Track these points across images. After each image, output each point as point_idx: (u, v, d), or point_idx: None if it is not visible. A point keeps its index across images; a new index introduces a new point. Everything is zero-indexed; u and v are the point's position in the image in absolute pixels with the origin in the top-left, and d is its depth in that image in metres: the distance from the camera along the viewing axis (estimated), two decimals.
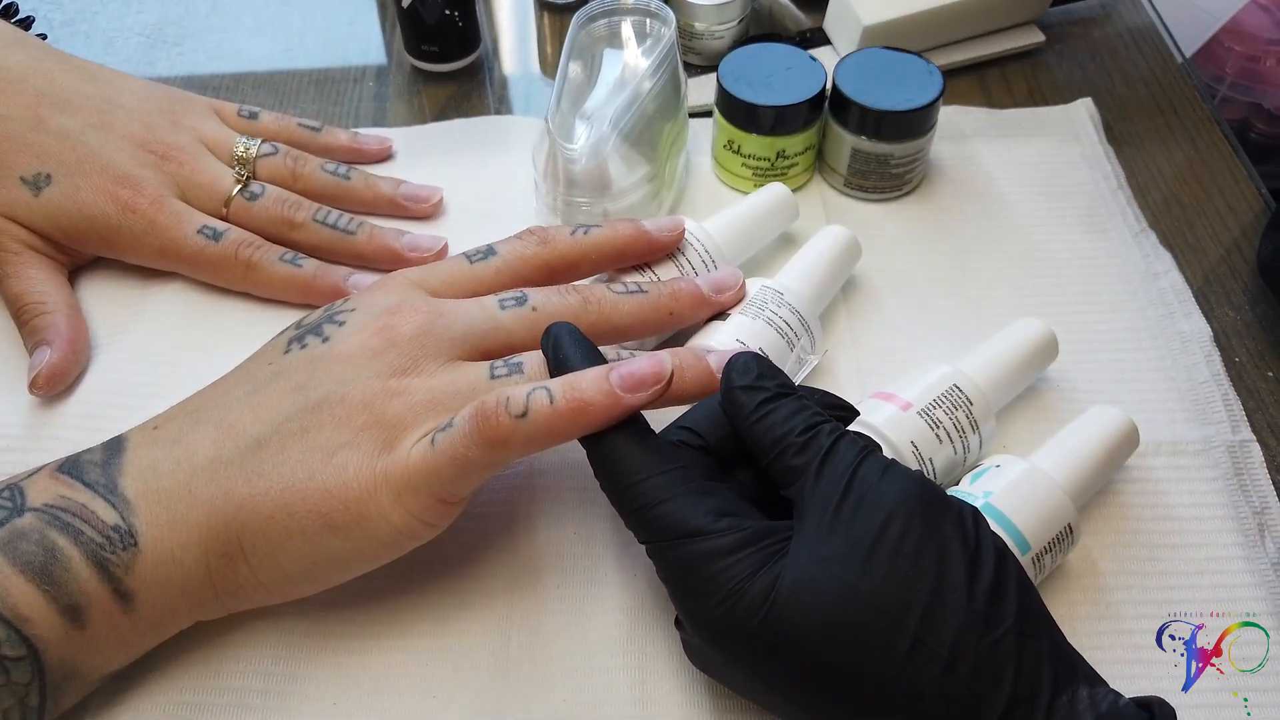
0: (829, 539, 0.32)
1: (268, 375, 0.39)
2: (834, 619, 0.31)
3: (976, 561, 0.32)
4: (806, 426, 0.35)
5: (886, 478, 0.33)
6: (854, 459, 0.34)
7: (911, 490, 0.33)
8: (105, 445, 0.38)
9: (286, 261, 0.51)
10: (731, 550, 0.32)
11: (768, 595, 0.31)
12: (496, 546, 0.43)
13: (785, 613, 0.31)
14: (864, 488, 0.33)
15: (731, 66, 0.55)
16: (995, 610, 0.31)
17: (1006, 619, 0.31)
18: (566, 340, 0.37)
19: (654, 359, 0.35)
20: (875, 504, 0.32)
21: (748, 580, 0.32)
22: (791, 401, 0.36)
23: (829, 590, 0.31)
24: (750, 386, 0.36)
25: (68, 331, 0.48)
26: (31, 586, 0.34)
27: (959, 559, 0.32)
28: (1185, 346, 0.49)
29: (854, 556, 0.31)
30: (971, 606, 0.31)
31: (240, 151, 0.53)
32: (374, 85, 0.64)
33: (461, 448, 0.34)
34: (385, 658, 0.40)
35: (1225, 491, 0.44)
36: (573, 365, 0.36)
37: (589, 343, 0.38)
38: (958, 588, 0.31)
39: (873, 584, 0.31)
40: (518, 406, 0.34)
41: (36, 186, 0.49)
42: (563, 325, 0.38)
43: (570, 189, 0.51)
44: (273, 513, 0.36)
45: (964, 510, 0.33)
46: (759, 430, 0.35)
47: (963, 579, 0.31)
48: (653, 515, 0.34)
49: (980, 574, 0.32)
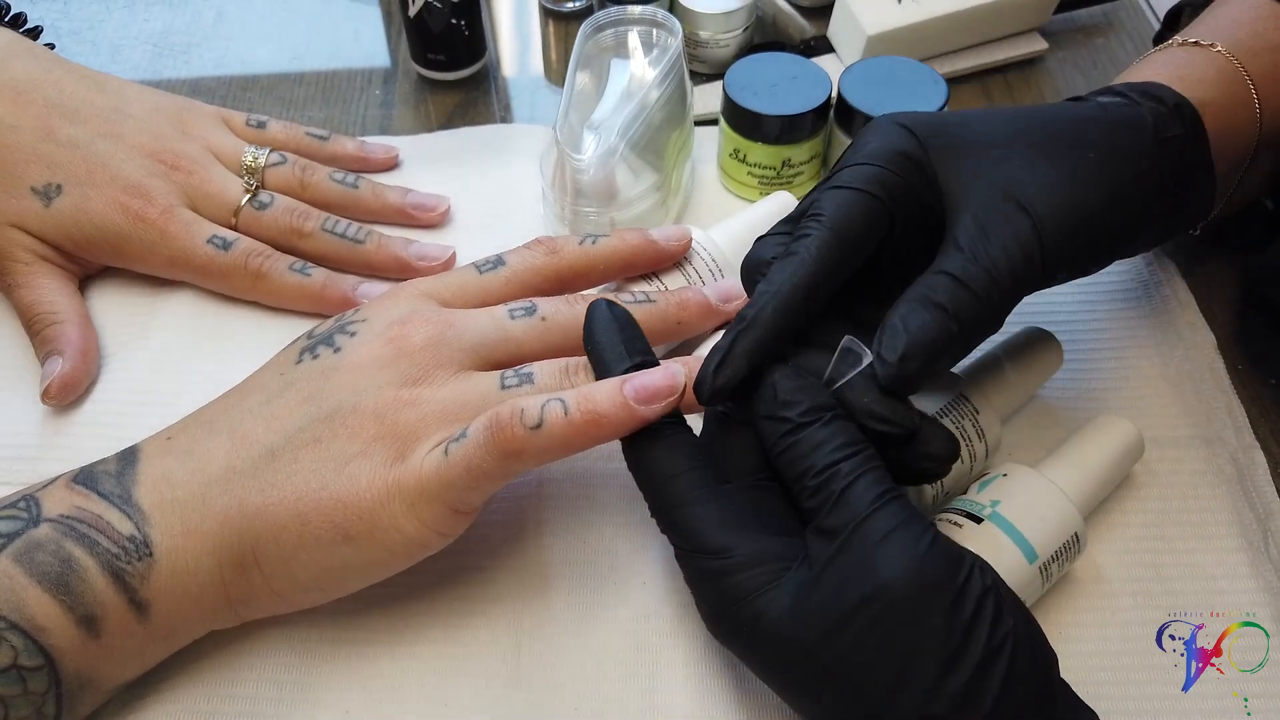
0: (815, 592, 0.32)
1: (280, 385, 0.39)
2: (800, 664, 0.32)
3: (955, 660, 0.30)
4: (823, 466, 0.33)
5: (887, 545, 0.31)
6: (863, 511, 0.32)
7: (905, 570, 0.31)
8: (119, 456, 0.38)
9: (296, 271, 0.51)
10: (733, 570, 0.33)
11: (756, 619, 0.32)
12: (507, 555, 0.43)
13: (766, 638, 0.33)
14: (860, 552, 0.31)
15: (737, 75, 0.55)
16: (965, 707, 0.30)
17: (979, 710, 0.30)
18: (599, 325, 0.38)
19: (666, 371, 0.35)
20: (863, 575, 0.31)
21: (742, 602, 0.33)
22: (818, 430, 0.33)
23: (797, 642, 0.32)
24: (774, 417, 0.34)
25: (79, 341, 0.48)
26: (48, 597, 0.34)
27: (931, 657, 0.30)
28: (1188, 354, 0.50)
29: (826, 621, 0.31)
30: (928, 708, 0.30)
31: (249, 161, 0.53)
32: (380, 93, 0.65)
33: (475, 458, 0.35)
34: (397, 665, 0.40)
35: (1229, 498, 0.45)
36: (602, 351, 0.37)
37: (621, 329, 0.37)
38: (918, 687, 0.30)
39: (832, 657, 0.31)
40: (532, 418, 0.34)
41: (47, 197, 0.49)
42: (599, 306, 0.38)
43: (578, 198, 0.51)
44: (286, 522, 0.36)
45: (967, 589, 0.31)
46: (781, 465, 0.34)
47: (930, 679, 0.30)
48: (671, 520, 0.35)
49: (953, 675, 0.30)
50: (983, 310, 0.35)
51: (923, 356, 0.33)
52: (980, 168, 0.37)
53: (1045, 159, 0.37)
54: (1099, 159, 0.38)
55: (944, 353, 0.34)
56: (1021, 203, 0.36)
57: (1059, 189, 0.37)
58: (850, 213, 0.36)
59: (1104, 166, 0.38)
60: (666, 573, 0.42)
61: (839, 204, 0.36)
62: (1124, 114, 0.40)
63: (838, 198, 0.37)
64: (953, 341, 0.34)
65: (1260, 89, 0.44)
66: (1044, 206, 0.36)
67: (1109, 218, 0.38)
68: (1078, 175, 0.37)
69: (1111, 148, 0.38)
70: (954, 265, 0.35)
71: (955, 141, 0.38)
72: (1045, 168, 0.37)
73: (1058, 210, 0.36)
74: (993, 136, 0.38)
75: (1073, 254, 0.37)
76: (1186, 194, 0.42)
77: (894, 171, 0.37)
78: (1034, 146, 0.38)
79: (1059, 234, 0.36)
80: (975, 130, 0.39)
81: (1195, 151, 0.41)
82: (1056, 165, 0.37)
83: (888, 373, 0.34)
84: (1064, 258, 0.37)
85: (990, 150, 0.38)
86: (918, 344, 0.34)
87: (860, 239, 0.36)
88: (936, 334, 0.34)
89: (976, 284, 0.35)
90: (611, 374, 0.36)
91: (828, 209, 0.36)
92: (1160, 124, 0.40)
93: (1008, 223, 0.36)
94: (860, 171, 0.37)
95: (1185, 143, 0.40)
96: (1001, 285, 0.35)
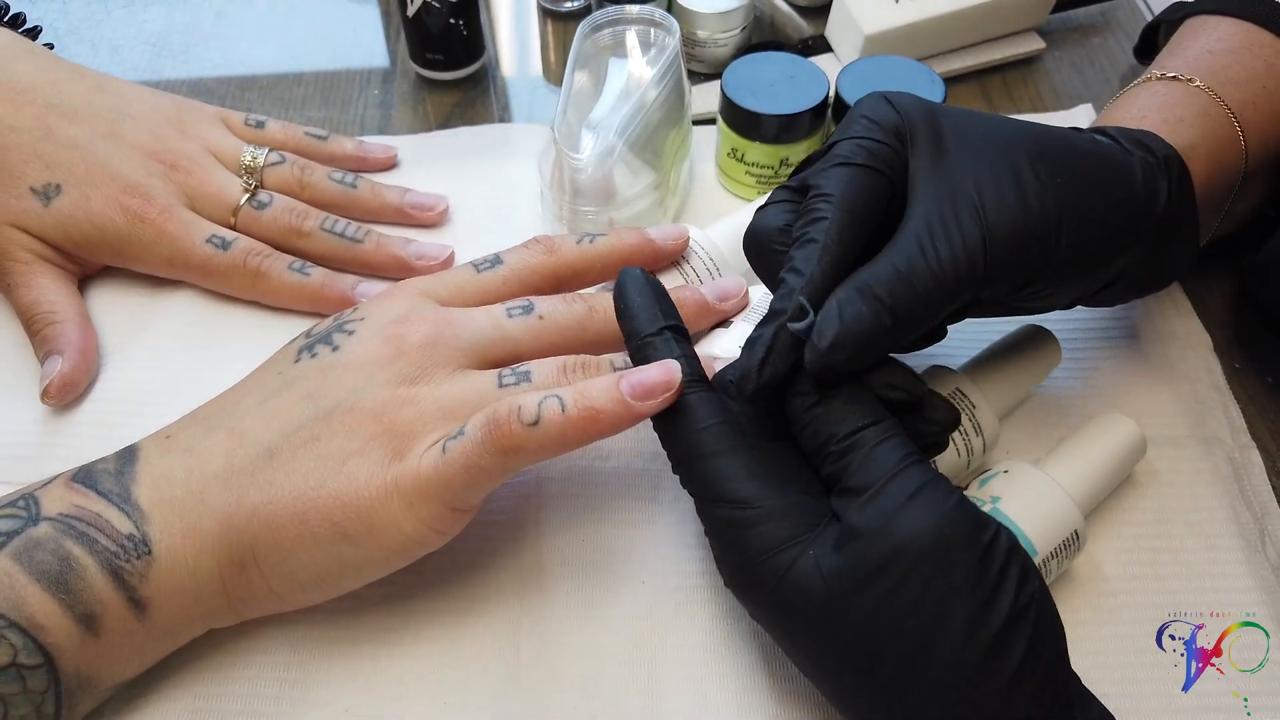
0: (844, 546, 0.32)
1: (278, 384, 0.39)
2: (822, 623, 0.32)
3: (985, 613, 0.31)
4: (847, 433, 0.34)
5: (911, 506, 0.32)
6: (890, 471, 0.32)
7: (929, 527, 0.31)
8: (118, 454, 0.38)
9: (295, 270, 0.51)
10: (759, 521, 0.33)
11: (779, 575, 0.33)
12: (505, 553, 0.43)
13: (789, 595, 0.33)
14: (889, 508, 0.32)
15: (735, 75, 0.55)
16: (990, 665, 0.31)
17: (1002, 674, 0.31)
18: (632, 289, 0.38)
19: (663, 367, 0.36)
20: (889, 534, 0.31)
21: (768, 554, 0.33)
22: (841, 404, 0.34)
23: (821, 602, 0.32)
24: (800, 392, 0.35)
25: (79, 341, 0.48)
26: (47, 595, 0.34)
27: (961, 609, 0.31)
28: (1184, 353, 0.50)
29: (857, 574, 0.32)
30: (960, 658, 0.31)
31: (248, 161, 0.53)
32: (379, 93, 0.65)
33: (473, 455, 0.35)
34: (396, 663, 0.40)
35: (1226, 496, 0.45)
36: (635, 314, 0.37)
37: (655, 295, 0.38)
38: (949, 640, 0.31)
39: (861, 614, 0.32)
40: (530, 414, 0.34)
41: (46, 197, 0.49)
42: (632, 273, 0.38)
43: (576, 198, 0.51)
44: (285, 521, 0.36)
45: (993, 548, 0.32)
46: (805, 437, 0.35)
47: (959, 632, 0.31)
48: (697, 471, 0.35)
49: (984, 627, 0.31)
50: (919, 307, 0.35)
51: (852, 347, 0.34)
52: (950, 165, 0.38)
53: (1015, 171, 0.37)
54: (1071, 189, 0.38)
55: (874, 345, 0.34)
56: (979, 209, 0.36)
57: (1018, 207, 0.37)
58: (859, 189, 0.36)
59: (1072, 198, 0.38)
60: (665, 572, 0.42)
61: (846, 181, 0.36)
62: (1112, 154, 0.40)
63: (844, 175, 0.36)
64: (885, 335, 0.34)
65: (1243, 121, 0.44)
66: (997, 218, 0.36)
67: (1065, 249, 0.38)
68: (1043, 199, 0.37)
69: (1090, 183, 0.39)
70: (901, 258, 0.35)
71: (936, 129, 0.38)
72: (1012, 183, 0.37)
73: (1010, 225, 0.36)
74: (975, 135, 0.39)
75: (1016, 273, 0.37)
76: (1169, 245, 0.42)
77: (888, 145, 0.37)
78: (1012, 156, 0.38)
79: (1006, 250, 0.36)
80: (958, 126, 0.39)
81: (1180, 205, 0.41)
82: (1023, 184, 0.37)
83: (815, 359, 0.34)
84: (1007, 275, 0.37)
85: (967, 148, 0.38)
86: (849, 334, 0.34)
87: (869, 215, 0.37)
88: (870, 326, 0.34)
89: (919, 280, 0.35)
90: (640, 335, 0.37)
91: (836, 187, 0.36)
92: (1145, 174, 0.40)
93: (961, 225, 0.36)
94: (861, 146, 0.37)
95: (1170, 196, 0.40)
96: (944, 286, 0.35)
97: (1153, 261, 0.41)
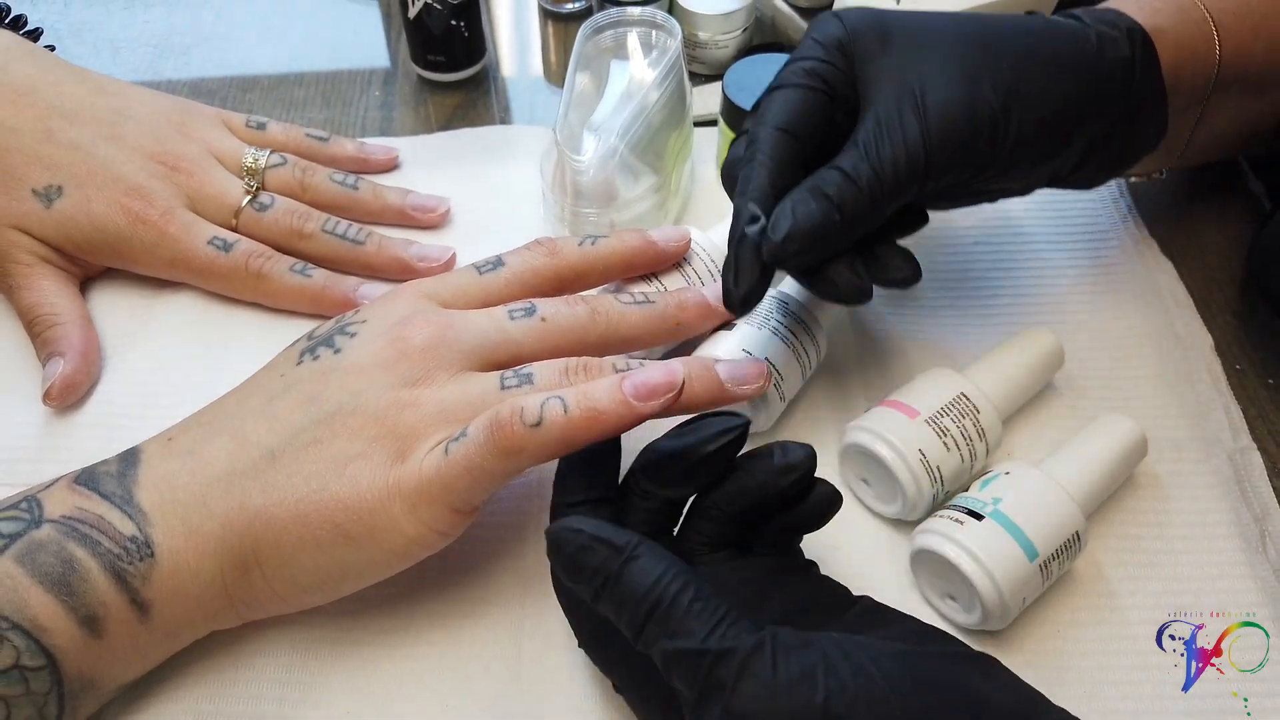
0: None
1: (280, 387, 0.39)
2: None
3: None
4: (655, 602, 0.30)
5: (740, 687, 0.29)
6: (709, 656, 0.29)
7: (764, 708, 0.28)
8: (120, 457, 0.38)
9: (296, 272, 0.51)
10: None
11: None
12: (507, 555, 0.43)
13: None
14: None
15: (736, 76, 0.55)
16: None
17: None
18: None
19: (665, 368, 0.36)
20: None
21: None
22: (620, 586, 0.31)
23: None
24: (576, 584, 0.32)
25: (80, 343, 0.48)
26: (50, 597, 0.34)
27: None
28: (1186, 354, 0.50)
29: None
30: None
31: (249, 163, 0.53)
32: (380, 95, 0.65)
33: (476, 457, 0.35)
34: (398, 666, 0.40)
35: (1227, 498, 0.45)
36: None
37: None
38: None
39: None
40: (532, 415, 0.34)
41: (48, 198, 0.49)
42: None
43: (578, 200, 0.51)
44: (287, 524, 0.36)
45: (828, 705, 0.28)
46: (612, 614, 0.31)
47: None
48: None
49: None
50: (865, 205, 0.39)
51: (804, 240, 0.38)
52: (897, 65, 0.40)
53: (959, 63, 0.39)
54: (1022, 71, 0.40)
55: (825, 239, 0.39)
56: (920, 106, 0.39)
57: (958, 95, 0.39)
58: (790, 109, 0.40)
59: (1023, 80, 0.40)
60: None
61: (779, 104, 0.41)
62: (1068, 30, 0.42)
63: (777, 99, 0.41)
64: (834, 229, 0.39)
65: (1219, 24, 0.45)
66: (936, 114, 0.39)
67: (1016, 136, 0.40)
68: (989, 88, 0.39)
69: (1041, 62, 0.40)
70: (847, 162, 0.39)
71: (884, 36, 0.41)
72: (955, 72, 0.39)
73: (950, 119, 0.39)
74: (923, 34, 0.41)
75: (963, 165, 0.40)
76: (1137, 118, 0.43)
77: (830, 63, 0.41)
78: (957, 49, 0.40)
79: (946, 143, 0.39)
80: (909, 27, 0.41)
81: (1145, 75, 0.42)
82: (967, 70, 0.39)
83: (770, 249, 0.38)
84: (952, 164, 0.40)
85: (914, 48, 0.40)
86: (801, 229, 0.38)
87: (808, 130, 0.41)
88: (820, 221, 0.38)
89: (863, 181, 0.39)
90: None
91: (768, 111, 0.41)
92: (1106, 45, 0.41)
93: (903, 125, 0.39)
94: (800, 68, 0.41)
95: (1133, 65, 0.42)
96: (885, 185, 0.39)
97: (1121, 136, 0.43)
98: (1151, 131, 0.44)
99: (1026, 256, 0.55)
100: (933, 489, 0.42)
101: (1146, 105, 0.43)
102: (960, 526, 0.39)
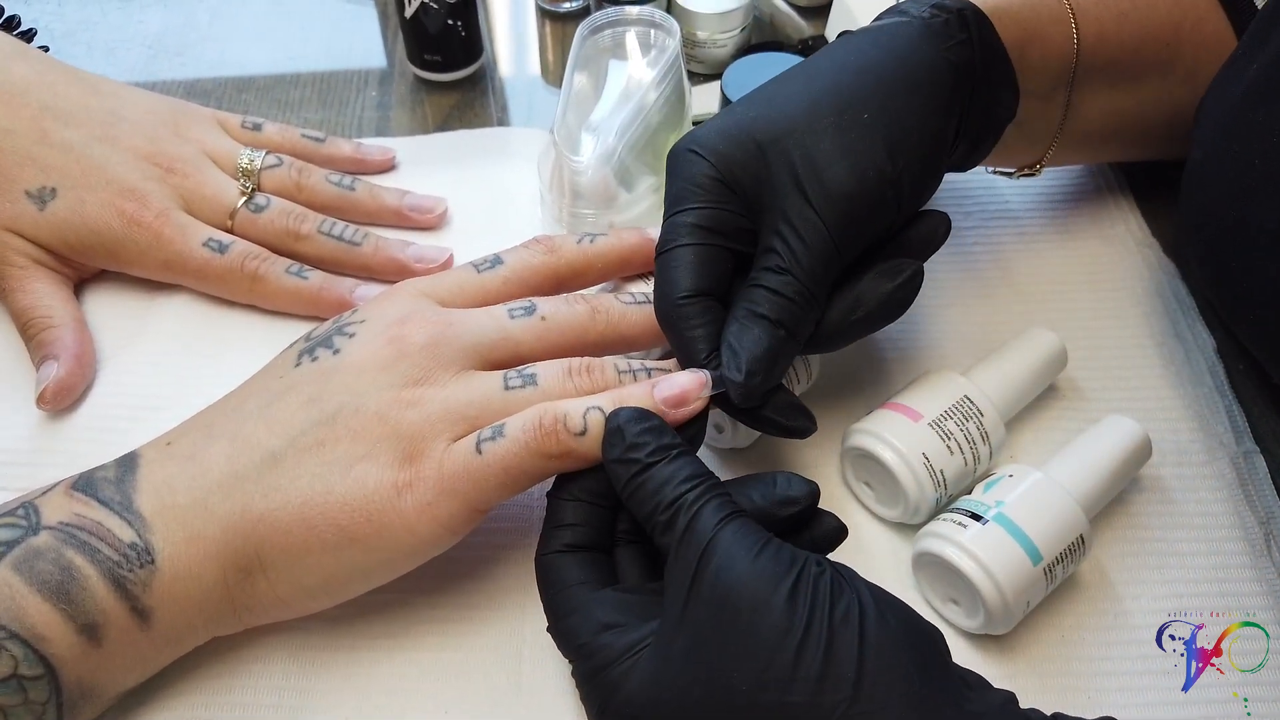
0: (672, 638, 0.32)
1: (280, 389, 0.39)
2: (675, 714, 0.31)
3: (804, 645, 0.30)
4: (671, 501, 0.33)
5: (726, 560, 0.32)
6: (707, 537, 0.32)
7: (741, 576, 0.31)
8: (118, 462, 0.38)
9: (293, 274, 0.51)
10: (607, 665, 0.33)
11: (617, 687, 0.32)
12: (507, 560, 0.43)
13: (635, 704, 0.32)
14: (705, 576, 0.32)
15: (735, 76, 0.55)
16: (822, 694, 0.30)
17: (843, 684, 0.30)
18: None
19: (691, 374, 0.37)
20: (711, 596, 0.31)
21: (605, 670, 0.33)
22: (665, 467, 0.34)
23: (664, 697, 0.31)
24: (622, 460, 0.35)
25: (74, 346, 0.48)
26: (49, 606, 0.34)
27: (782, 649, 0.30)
28: (1189, 357, 0.50)
29: (685, 663, 0.31)
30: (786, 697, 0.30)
31: (245, 164, 0.53)
32: (377, 95, 0.65)
33: (515, 458, 0.35)
34: (398, 671, 0.40)
35: (1231, 501, 0.45)
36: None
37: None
38: (776, 681, 0.30)
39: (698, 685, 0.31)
40: (577, 424, 0.35)
41: (41, 200, 0.49)
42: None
43: (576, 200, 0.51)
44: (291, 527, 0.36)
45: (800, 582, 0.31)
46: (632, 507, 0.35)
47: (787, 669, 0.30)
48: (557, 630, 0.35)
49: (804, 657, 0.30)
50: (802, 310, 0.38)
51: (764, 368, 0.37)
52: (777, 160, 0.39)
53: (829, 134, 0.39)
54: (876, 117, 0.39)
55: (780, 357, 0.37)
56: (809, 196, 0.38)
57: (839, 171, 0.38)
58: (696, 268, 0.39)
59: (883, 122, 0.39)
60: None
61: (683, 269, 0.39)
62: (903, 38, 0.41)
63: (679, 260, 0.39)
64: (785, 344, 0.38)
65: (1076, 6, 0.46)
66: (823, 198, 0.38)
67: (903, 165, 0.39)
68: (857, 145, 0.39)
69: (894, 91, 0.40)
70: (769, 278, 0.38)
71: (751, 143, 0.40)
72: (828, 145, 0.39)
73: (838, 198, 0.38)
74: (788, 121, 0.40)
75: (870, 222, 0.39)
76: (990, 94, 0.43)
77: (714, 207, 0.39)
78: (821, 121, 0.39)
79: (843, 221, 0.38)
80: (771, 122, 0.40)
81: (985, 51, 0.42)
82: (837, 139, 0.39)
83: (738, 390, 0.37)
84: (860, 234, 0.39)
85: (785, 137, 0.39)
86: (756, 359, 0.37)
87: (719, 286, 0.39)
88: (769, 344, 0.37)
89: (789, 290, 0.38)
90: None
91: (676, 280, 0.39)
92: (943, 34, 0.41)
93: (802, 219, 0.38)
94: (684, 223, 0.39)
95: (971, 47, 0.42)
96: (814, 282, 0.38)
97: (979, 115, 0.43)
98: (1005, 102, 0.45)
99: (1028, 257, 0.55)
100: (935, 492, 0.41)
101: (994, 78, 0.43)
102: (963, 530, 0.39)
